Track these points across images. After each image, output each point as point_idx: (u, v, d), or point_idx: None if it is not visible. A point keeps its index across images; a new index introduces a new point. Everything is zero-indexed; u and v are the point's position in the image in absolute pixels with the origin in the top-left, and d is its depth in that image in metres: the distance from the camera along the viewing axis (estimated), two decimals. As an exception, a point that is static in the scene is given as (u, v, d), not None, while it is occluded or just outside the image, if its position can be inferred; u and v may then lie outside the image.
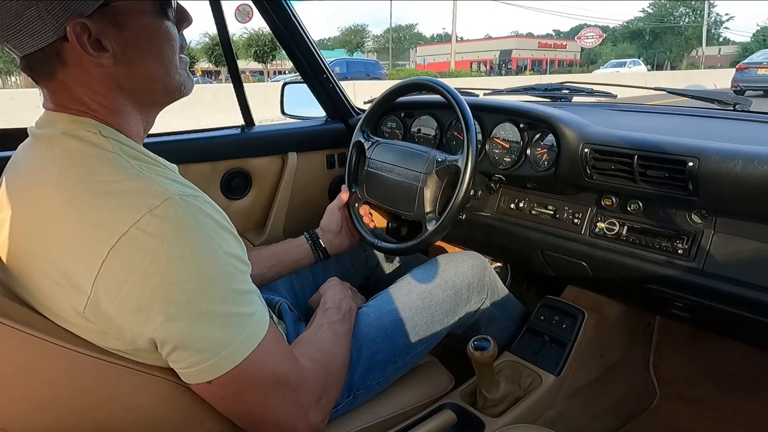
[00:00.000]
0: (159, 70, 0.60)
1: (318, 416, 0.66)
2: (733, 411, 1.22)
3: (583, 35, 34.27)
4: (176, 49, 0.61)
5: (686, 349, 1.32)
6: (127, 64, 0.57)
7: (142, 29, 0.57)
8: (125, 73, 0.57)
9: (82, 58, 0.54)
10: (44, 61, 0.54)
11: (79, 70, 0.55)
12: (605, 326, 1.17)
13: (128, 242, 0.49)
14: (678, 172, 0.81)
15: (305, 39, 1.33)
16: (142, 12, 0.57)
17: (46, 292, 0.53)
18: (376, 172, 1.12)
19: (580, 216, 1.03)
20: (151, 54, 0.59)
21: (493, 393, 0.92)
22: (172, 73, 0.61)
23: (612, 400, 1.23)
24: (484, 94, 1.43)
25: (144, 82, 0.59)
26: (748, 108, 1.12)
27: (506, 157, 1.11)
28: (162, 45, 0.59)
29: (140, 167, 0.55)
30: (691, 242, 0.86)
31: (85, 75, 0.55)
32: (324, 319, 0.82)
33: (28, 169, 0.57)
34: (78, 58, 0.54)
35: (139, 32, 0.57)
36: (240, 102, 1.39)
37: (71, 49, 0.53)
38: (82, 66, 0.55)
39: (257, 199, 1.42)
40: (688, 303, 0.90)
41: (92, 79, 0.56)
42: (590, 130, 0.96)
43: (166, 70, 0.60)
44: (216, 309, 0.53)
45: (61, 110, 0.57)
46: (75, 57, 0.54)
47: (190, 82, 0.64)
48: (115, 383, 0.55)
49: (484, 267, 1.04)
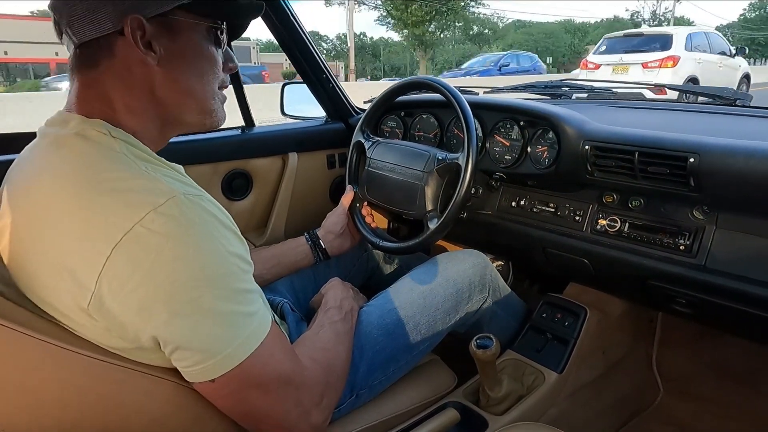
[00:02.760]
0: (197, 87, 0.63)
1: (320, 416, 0.66)
2: (736, 407, 1.22)
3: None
4: (217, 75, 0.65)
5: (689, 345, 1.32)
6: (169, 71, 0.60)
7: (190, 45, 0.61)
8: (164, 80, 0.60)
9: (130, 54, 0.57)
10: (95, 50, 0.57)
11: (123, 66, 0.58)
12: (608, 323, 1.17)
13: (132, 239, 0.49)
14: (679, 168, 0.81)
15: (304, 39, 1.33)
16: (195, 30, 0.61)
17: (50, 289, 0.53)
18: (376, 172, 1.12)
19: (582, 213, 1.02)
20: (194, 69, 0.62)
21: (496, 391, 0.92)
22: (208, 96, 0.64)
23: (615, 397, 1.23)
24: (484, 92, 1.43)
25: (179, 94, 0.62)
26: (749, 103, 1.12)
27: (507, 155, 1.11)
28: (204, 66, 0.63)
29: (146, 167, 0.55)
30: (693, 238, 0.86)
31: (126, 71, 0.58)
32: (325, 319, 0.82)
33: (34, 167, 0.57)
34: (126, 53, 0.57)
35: (187, 46, 0.61)
36: (240, 103, 1.39)
37: (123, 43, 0.56)
38: (128, 62, 0.57)
39: (258, 200, 1.42)
40: (691, 299, 0.90)
41: (131, 77, 0.58)
42: (591, 127, 0.96)
43: (204, 90, 0.63)
44: (219, 307, 0.53)
45: (78, 111, 0.58)
46: (124, 51, 0.57)
47: (222, 114, 0.67)
48: (117, 384, 0.55)
49: (485, 265, 1.04)
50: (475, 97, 1.29)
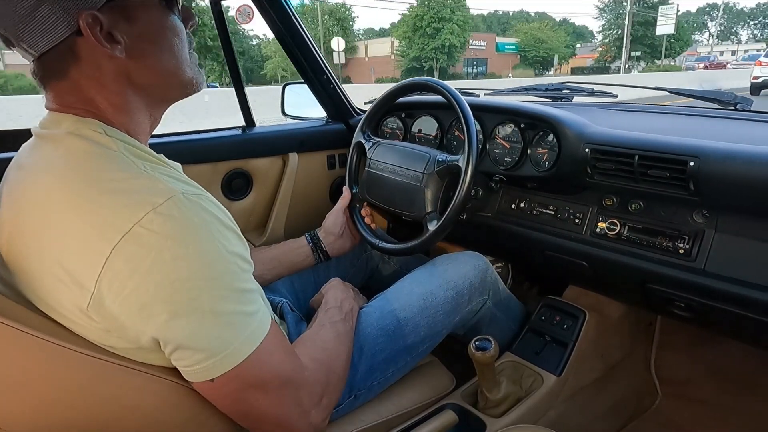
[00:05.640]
0: (171, 63, 0.61)
1: (319, 416, 0.66)
2: (735, 411, 1.22)
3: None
4: (185, 43, 0.63)
5: (688, 349, 1.32)
6: (140, 57, 0.58)
7: (151, 22, 0.59)
8: (137, 66, 0.58)
9: (95, 52, 0.55)
10: (58, 59, 0.55)
11: (92, 66, 0.56)
12: (606, 326, 1.17)
13: (132, 240, 0.49)
14: (679, 171, 0.81)
15: (306, 40, 1.33)
16: (149, 6, 0.58)
17: (49, 290, 0.53)
18: (376, 173, 1.12)
19: (581, 216, 1.02)
20: (162, 47, 0.60)
21: (494, 393, 0.92)
22: (184, 67, 0.62)
23: (613, 400, 1.23)
24: (485, 94, 1.43)
25: (157, 75, 0.61)
26: (750, 108, 1.12)
27: (507, 157, 1.11)
28: (172, 39, 0.61)
29: (144, 166, 0.55)
30: (693, 242, 0.86)
31: (97, 71, 0.56)
32: (326, 318, 0.82)
33: (32, 168, 0.57)
34: (91, 52, 0.55)
35: (148, 25, 0.58)
36: (241, 103, 1.39)
37: (84, 43, 0.54)
38: (95, 61, 0.56)
39: (258, 200, 1.42)
40: (690, 303, 0.90)
41: (104, 74, 0.57)
42: (591, 130, 0.96)
43: (178, 63, 0.62)
44: (219, 307, 0.53)
45: (66, 111, 0.57)
46: (88, 51, 0.55)
47: (201, 77, 0.66)
48: (117, 384, 0.55)
49: (485, 267, 1.04)
50: (476, 99, 1.29)
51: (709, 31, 70.36)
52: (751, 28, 68.74)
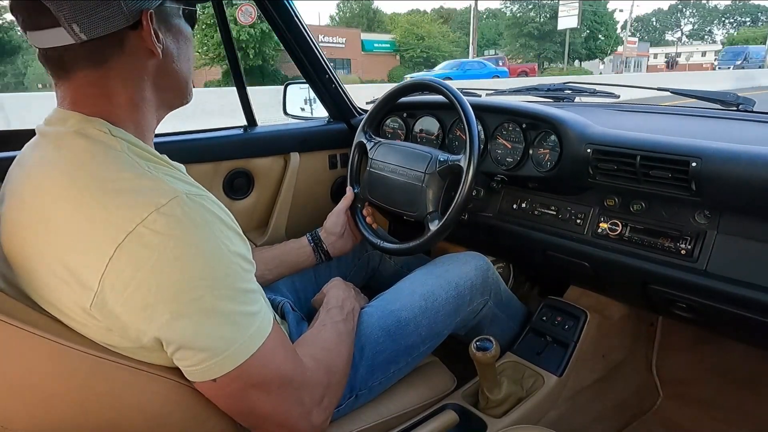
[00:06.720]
0: (187, 70, 0.64)
1: (321, 416, 0.66)
2: (737, 412, 1.21)
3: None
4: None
5: (689, 349, 1.32)
6: (169, 61, 0.61)
7: (180, 31, 0.63)
8: (166, 68, 0.61)
9: (140, 47, 0.57)
10: (103, 47, 0.56)
11: (132, 60, 0.57)
12: (608, 327, 1.17)
13: (135, 240, 0.49)
14: (681, 172, 0.81)
15: (308, 39, 1.33)
16: (177, 15, 0.62)
17: (52, 289, 0.53)
18: (378, 173, 1.12)
19: (583, 216, 1.02)
20: (186, 54, 0.64)
21: (495, 393, 0.92)
22: (191, 76, 0.66)
23: (615, 401, 1.23)
24: (487, 94, 1.43)
25: (177, 80, 0.63)
26: (752, 108, 1.11)
27: (509, 157, 1.11)
28: (190, 48, 0.65)
29: (148, 166, 0.55)
30: (695, 243, 0.86)
31: (133, 65, 0.58)
32: (327, 318, 0.82)
33: (35, 167, 0.57)
34: (136, 47, 0.57)
35: (179, 33, 0.62)
36: (242, 102, 1.39)
37: (135, 37, 0.56)
38: (136, 56, 0.58)
39: (259, 200, 1.42)
40: (692, 304, 0.90)
41: (138, 69, 0.58)
42: (593, 131, 0.96)
43: (190, 72, 0.65)
44: (221, 307, 0.53)
45: (75, 109, 0.57)
46: (134, 46, 0.57)
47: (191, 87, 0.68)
48: (118, 383, 0.55)
49: (487, 268, 1.04)
50: (478, 99, 1.29)
51: (681, 29, 68.40)
52: (727, 27, 66.21)
